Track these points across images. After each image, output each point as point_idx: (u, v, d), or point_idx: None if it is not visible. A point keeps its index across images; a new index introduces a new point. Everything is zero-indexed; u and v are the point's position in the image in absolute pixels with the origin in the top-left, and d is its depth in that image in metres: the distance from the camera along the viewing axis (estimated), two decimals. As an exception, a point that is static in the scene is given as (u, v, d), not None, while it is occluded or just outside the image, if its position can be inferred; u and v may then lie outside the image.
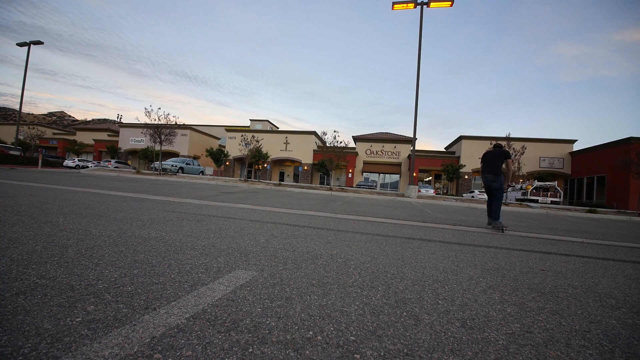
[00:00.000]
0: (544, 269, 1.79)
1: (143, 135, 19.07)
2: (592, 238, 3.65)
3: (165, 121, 17.25)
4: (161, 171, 17.32)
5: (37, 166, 16.38)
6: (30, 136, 30.43)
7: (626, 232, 4.91)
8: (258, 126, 36.28)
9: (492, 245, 2.52)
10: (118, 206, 3.09)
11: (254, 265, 1.40)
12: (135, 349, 0.66)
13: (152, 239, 1.75)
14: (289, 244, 1.90)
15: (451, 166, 25.31)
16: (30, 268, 1.11)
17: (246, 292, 1.05)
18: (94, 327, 0.74)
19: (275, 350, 0.71)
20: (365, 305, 1.04)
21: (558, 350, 0.83)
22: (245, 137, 20.39)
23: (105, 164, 24.35)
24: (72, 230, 1.79)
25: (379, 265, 1.59)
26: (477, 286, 1.36)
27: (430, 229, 3.36)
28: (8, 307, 0.81)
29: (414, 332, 0.87)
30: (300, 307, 0.97)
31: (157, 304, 0.90)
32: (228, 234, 2.11)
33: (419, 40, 13.43)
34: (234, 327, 0.80)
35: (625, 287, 1.55)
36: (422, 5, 13.11)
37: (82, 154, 36.88)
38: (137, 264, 1.26)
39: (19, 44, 21.27)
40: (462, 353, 0.77)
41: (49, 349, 0.64)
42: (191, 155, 31.80)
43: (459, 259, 1.91)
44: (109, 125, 49.91)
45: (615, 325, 1.04)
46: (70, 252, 1.36)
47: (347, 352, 0.73)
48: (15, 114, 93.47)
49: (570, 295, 1.33)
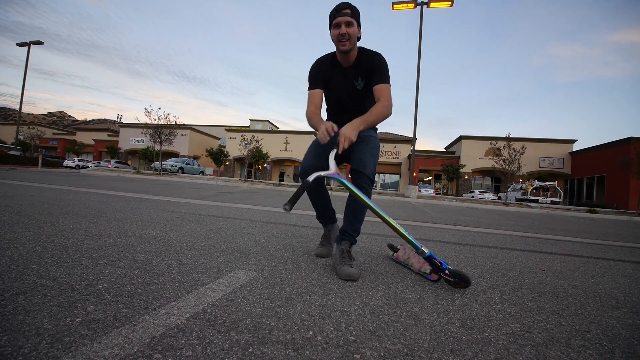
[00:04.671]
0: (544, 269, 1.79)
1: (143, 135, 19.08)
2: (592, 238, 3.65)
3: (165, 121, 17.27)
4: (161, 171, 17.33)
5: (37, 166, 16.38)
6: (30, 136, 30.44)
7: (626, 232, 4.91)
8: (258, 126, 36.31)
9: (492, 245, 2.53)
10: (118, 206, 3.09)
11: (254, 265, 1.40)
12: (135, 349, 0.66)
13: (152, 239, 1.75)
14: (289, 244, 1.90)
15: (451, 166, 25.33)
16: (30, 268, 1.11)
17: (246, 292, 1.05)
18: (94, 327, 0.74)
19: (275, 350, 0.71)
20: (365, 305, 1.04)
21: (558, 350, 0.83)
22: (245, 137, 20.41)
23: (105, 164, 24.36)
24: (72, 231, 1.79)
25: (379, 265, 1.59)
26: (477, 286, 1.36)
27: (430, 229, 3.36)
28: (8, 307, 0.81)
29: (414, 332, 0.87)
30: (300, 307, 0.97)
31: (157, 304, 0.90)
32: (228, 234, 2.11)
33: (419, 41, 13.44)
34: (234, 327, 0.80)
35: (625, 287, 1.55)
36: (422, 5, 13.11)
37: (82, 154, 36.90)
38: (137, 264, 1.26)
39: (18, 44, 21.27)
40: (462, 353, 0.77)
41: (49, 349, 0.64)
42: (191, 155, 31.81)
43: (459, 259, 1.91)
44: (109, 125, 49.95)
45: (615, 325, 1.04)
46: (70, 252, 1.36)
47: (347, 352, 0.73)
48: (15, 114, 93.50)
49: (570, 295, 1.33)
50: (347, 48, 1.46)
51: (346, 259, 1.38)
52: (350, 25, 1.45)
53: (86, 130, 44.24)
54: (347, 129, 1.33)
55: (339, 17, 1.45)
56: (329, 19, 1.51)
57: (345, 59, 1.53)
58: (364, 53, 1.55)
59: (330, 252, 1.68)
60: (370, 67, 1.52)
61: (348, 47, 1.46)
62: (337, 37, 1.46)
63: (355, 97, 1.60)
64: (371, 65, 1.52)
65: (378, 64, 1.51)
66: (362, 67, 1.53)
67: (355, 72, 1.55)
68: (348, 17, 1.44)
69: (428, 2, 12.95)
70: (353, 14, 1.45)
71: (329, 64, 1.59)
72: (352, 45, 1.47)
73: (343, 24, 1.44)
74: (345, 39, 1.44)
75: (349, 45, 1.46)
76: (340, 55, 1.54)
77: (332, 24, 1.48)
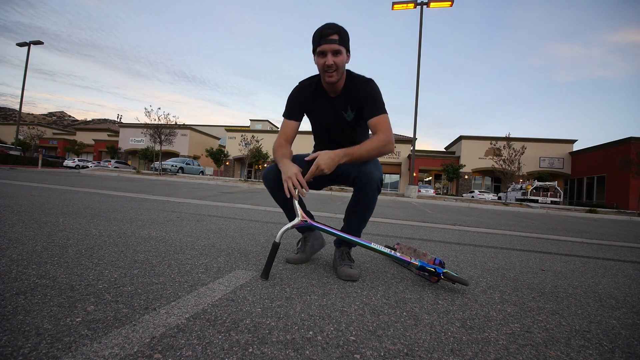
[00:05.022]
0: (544, 269, 1.79)
1: (143, 135, 19.08)
2: (592, 238, 3.65)
3: (165, 121, 17.27)
4: (161, 171, 17.33)
5: (37, 166, 16.38)
6: (30, 136, 30.44)
7: (626, 232, 4.91)
8: (258, 126, 36.31)
9: (492, 245, 2.53)
10: (118, 206, 3.09)
11: (254, 265, 1.40)
12: (135, 349, 0.66)
13: (152, 239, 1.75)
14: (289, 244, 1.90)
15: (451, 166, 25.33)
16: (30, 268, 1.11)
17: (246, 292, 1.05)
18: (94, 327, 0.74)
19: (275, 350, 0.71)
20: (365, 305, 1.04)
21: (558, 350, 0.83)
22: (245, 137, 20.41)
23: (105, 164, 24.37)
24: (72, 230, 1.79)
25: (379, 265, 1.59)
26: (477, 286, 1.36)
27: (430, 229, 3.36)
28: (8, 307, 0.81)
29: (414, 332, 0.87)
30: (300, 307, 0.97)
31: (157, 304, 0.90)
32: (228, 234, 2.11)
33: (419, 41, 13.44)
34: (234, 327, 0.80)
35: (625, 287, 1.55)
36: (422, 5, 13.11)
37: (82, 154, 36.90)
38: (137, 264, 1.26)
39: (18, 44, 21.28)
40: (462, 353, 0.77)
41: (49, 349, 0.64)
42: (191, 155, 31.82)
43: (459, 259, 1.91)
44: (109, 125, 49.96)
45: (615, 325, 1.04)
46: (70, 252, 1.36)
47: (347, 352, 0.73)
48: (14, 114, 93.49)
49: (570, 295, 1.33)
50: (334, 80, 1.28)
51: (346, 261, 1.38)
52: (338, 54, 1.24)
53: (86, 130, 44.24)
54: (324, 157, 1.19)
55: (325, 44, 1.23)
56: (313, 43, 1.28)
57: (331, 88, 1.35)
58: (353, 80, 1.36)
59: (305, 259, 1.52)
60: (361, 96, 1.34)
61: (335, 78, 1.28)
62: (322, 67, 1.27)
63: (344, 129, 1.43)
64: (362, 95, 1.33)
65: (370, 93, 1.32)
66: (351, 96, 1.36)
67: (344, 101, 1.37)
68: (336, 45, 1.23)
69: (428, 2, 12.95)
70: (341, 41, 1.24)
71: (313, 90, 1.40)
72: (339, 75, 1.29)
73: (330, 53, 1.23)
74: (332, 70, 1.25)
75: (337, 77, 1.28)
76: (326, 84, 1.35)
77: (317, 50, 1.26)
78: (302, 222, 1.26)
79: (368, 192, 1.29)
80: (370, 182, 1.27)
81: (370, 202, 1.33)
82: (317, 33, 1.26)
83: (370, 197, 1.31)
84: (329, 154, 1.20)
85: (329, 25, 1.24)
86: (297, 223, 1.26)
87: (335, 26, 1.24)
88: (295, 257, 1.49)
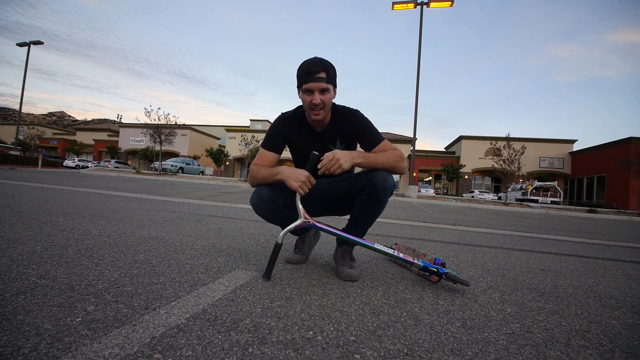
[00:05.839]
0: (544, 269, 1.79)
1: (143, 135, 19.08)
2: (592, 238, 3.65)
3: (165, 121, 17.27)
4: (161, 171, 17.33)
5: (37, 166, 16.38)
6: (30, 136, 30.44)
7: (626, 232, 4.91)
8: (258, 126, 36.28)
9: (492, 245, 2.53)
10: (118, 206, 3.09)
11: (254, 265, 1.40)
12: (135, 349, 0.66)
13: (152, 239, 1.75)
14: (289, 244, 1.90)
15: (451, 166, 25.32)
16: (30, 268, 1.11)
17: (246, 292, 1.05)
18: (94, 327, 0.74)
19: (275, 350, 0.71)
20: (365, 305, 1.04)
21: (558, 350, 0.83)
22: (245, 137, 20.39)
23: (105, 164, 24.36)
24: (72, 230, 1.79)
25: (379, 265, 1.59)
26: (477, 286, 1.36)
27: (430, 229, 3.36)
28: (8, 307, 0.81)
29: (414, 332, 0.87)
30: (300, 307, 0.97)
31: (157, 304, 0.90)
32: (228, 234, 2.11)
33: (419, 41, 13.44)
34: (234, 327, 0.80)
35: (625, 287, 1.55)
36: (422, 5, 13.11)
37: (82, 154, 36.88)
38: (137, 264, 1.26)
39: (19, 44, 21.27)
40: (462, 353, 0.77)
41: (49, 349, 0.64)
42: (191, 155, 31.82)
43: (459, 259, 1.91)
44: (109, 125, 49.96)
45: (615, 325, 1.04)
46: (70, 252, 1.36)
47: (347, 352, 0.73)
48: (14, 114, 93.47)
49: (570, 295, 1.33)
50: (321, 118, 1.24)
51: (347, 260, 1.37)
52: (326, 93, 1.19)
53: (86, 130, 44.23)
54: (340, 152, 1.14)
55: (312, 82, 1.17)
56: (298, 79, 1.22)
57: (318, 124, 1.30)
58: (339, 113, 1.31)
59: (304, 260, 1.51)
60: (351, 131, 1.31)
61: (322, 116, 1.23)
62: (309, 105, 1.21)
63: None
64: (355, 128, 1.30)
65: (363, 125, 1.30)
66: (339, 130, 1.32)
67: (331, 136, 1.33)
68: (323, 83, 1.17)
69: (428, 2, 12.95)
70: (329, 79, 1.18)
71: (297, 124, 1.34)
72: (326, 113, 1.24)
73: (317, 91, 1.17)
74: (319, 109, 1.20)
75: (323, 114, 1.23)
76: (312, 121, 1.29)
77: (303, 88, 1.20)
78: (305, 222, 1.24)
79: (382, 196, 1.25)
80: (385, 187, 1.22)
81: (381, 206, 1.30)
82: (302, 69, 1.19)
83: (384, 201, 1.27)
84: (345, 151, 1.17)
85: (316, 62, 1.18)
86: (300, 224, 1.24)
87: (323, 63, 1.18)
88: (295, 257, 1.49)
